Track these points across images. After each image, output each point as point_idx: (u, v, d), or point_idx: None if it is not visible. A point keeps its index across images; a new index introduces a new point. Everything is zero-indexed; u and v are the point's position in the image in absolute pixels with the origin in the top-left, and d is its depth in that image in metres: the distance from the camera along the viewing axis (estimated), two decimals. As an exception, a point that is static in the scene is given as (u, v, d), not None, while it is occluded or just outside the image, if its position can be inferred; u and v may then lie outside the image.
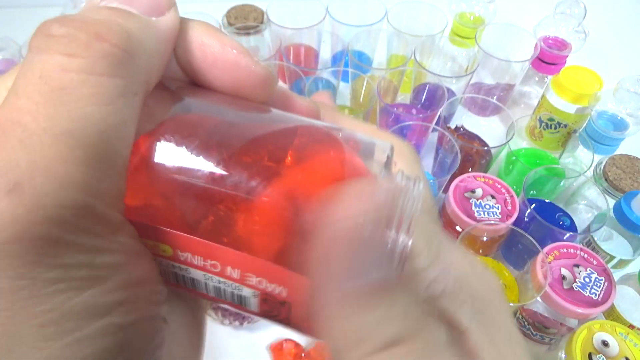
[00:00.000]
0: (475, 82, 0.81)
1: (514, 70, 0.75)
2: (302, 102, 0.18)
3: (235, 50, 0.15)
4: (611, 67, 0.75)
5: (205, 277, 0.15)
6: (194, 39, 0.15)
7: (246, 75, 0.16)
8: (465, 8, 0.81)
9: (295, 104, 0.18)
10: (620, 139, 0.65)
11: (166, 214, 0.14)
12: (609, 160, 0.61)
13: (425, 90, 0.72)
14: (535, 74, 0.79)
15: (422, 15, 0.79)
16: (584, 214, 0.61)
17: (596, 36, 0.79)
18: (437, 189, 0.61)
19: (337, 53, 0.78)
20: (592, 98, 0.67)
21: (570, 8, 0.75)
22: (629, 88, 0.63)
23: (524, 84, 0.81)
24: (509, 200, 0.55)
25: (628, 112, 0.64)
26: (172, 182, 0.14)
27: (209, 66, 0.16)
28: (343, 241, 0.12)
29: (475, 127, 0.71)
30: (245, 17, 0.75)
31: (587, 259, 0.51)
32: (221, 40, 0.16)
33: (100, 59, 0.12)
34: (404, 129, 0.63)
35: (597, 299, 0.47)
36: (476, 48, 0.72)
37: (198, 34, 0.16)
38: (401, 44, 0.74)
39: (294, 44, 0.76)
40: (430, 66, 0.75)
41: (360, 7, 0.78)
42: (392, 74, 0.70)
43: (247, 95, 0.16)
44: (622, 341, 0.44)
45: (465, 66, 0.77)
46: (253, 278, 0.14)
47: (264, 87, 0.16)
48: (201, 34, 0.16)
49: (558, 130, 0.70)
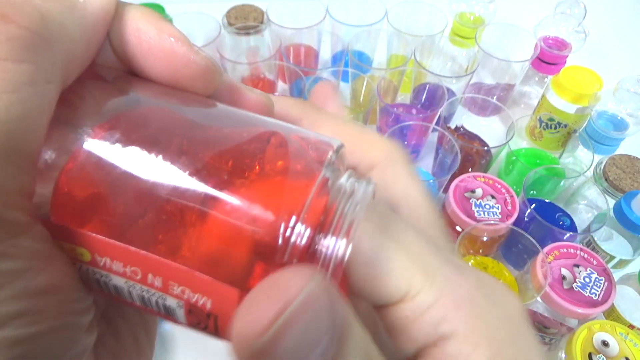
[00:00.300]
0: (475, 82, 0.81)
1: (514, 70, 0.75)
2: (251, 95, 0.17)
3: (172, 38, 0.14)
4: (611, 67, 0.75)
5: (127, 284, 0.14)
6: (129, 24, 0.14)
7: (184, 65, 0.15)
8: (465, 8, 0.81)
9: (243, 98, 0.17)
10: (620, 139, 0.65)
11: (89, 215, 0.13)
12: (609, 160, 0.61)
13: (425, 90, 0.72)
14: (535, 74, 0.79)
15: (422, 15, 0.79)
16: (584, 214, 0.61)
17: (596, 36, 0.78)
18: (437, 189, 0.61)
19: (337, 53, 0.78)
20: (592, 98, 0.67)
21: (570, 8, 0.75)
22: (629, 88, 0.63)
23: (524, 84, 0.81)
24: (509, 200, 0.55)
25: (628, 112, 0.64)
26: (105, 182, 0.13)
27: (144, 54, 0.14)
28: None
29: (475, 127, 0.71)
30: (245, 17, 0.75)
31: (587, 259, 0.51)
32: (159, 26, 0.14)
33: (5, 42, 0.11)
34: (404, 129, 0.63)
35: (597, 299, 0.47)
36: (476, 48, 0.72)
37: (134, 19, 0.14)
38: (401, 44, 0.74)
39: (294, 44, 0.76)
40: (430, 66, 0.75)
41: (360, 7, 0.78)
42: (392, 74, 0.70)
43: (187, 86, 0.15)
44: (622, 341, 0.44)
45: (465, 66, 0.77)
46: (176, 287, 0.13)
47: (205, 79, 0.15)
48: (137, 19, 0.14)
49: (558, 130, 0.70)
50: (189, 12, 0.75)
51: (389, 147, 0.18)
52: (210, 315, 0.13)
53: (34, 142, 0.12)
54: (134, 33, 0.14)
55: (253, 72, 0.70)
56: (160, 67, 0.15)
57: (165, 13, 0.78)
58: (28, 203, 0.12)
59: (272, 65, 0.71)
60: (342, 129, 0.18)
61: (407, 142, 0.67)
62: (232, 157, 0.14)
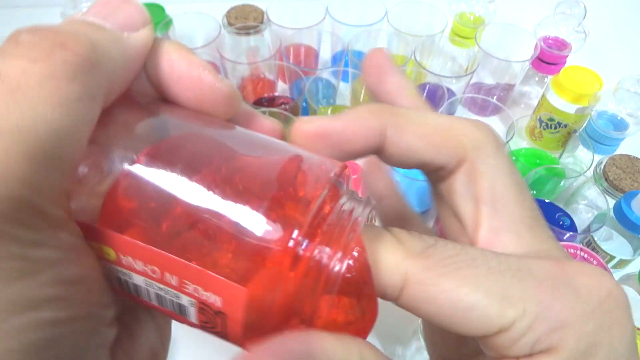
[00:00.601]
0: (475, 82, 0.81)
1: (514, 70, 0.75)
2: (266, 121, 0.19)
3: (200, 68, 0.17)
4: (611, 67, 0.75)
5: (146, 283, 0.15)
6: (164, 56, 0.17)
7: (210, 91, 0.17)
8: (465, 8, 0.81)
9: (258, 123, 0.19)
10: (620, 139, 0.65)
11: (128, 224, 0.15)
12: (609, 160, 0.61)
13: (425, 90, 0.72)
14: (535, 74, 0.79)
15: (422, 15, 0.79)
16: (584, 214, 0.61)
17: (596, 36, 0.78)
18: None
19: (337, 53, 0.78)
20: (592, 98, 0.67)
21: (570, 8, 0.75)
22: (629, 88, 0.63)
23: (524, 84, 0.81)
24: (509, 200, 0.55)
25: (628, 112, 0.64)
26: (145, 200, 0.15)
27: (175, 82, 0.17)
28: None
29: (475, 127, 0.71)
30: (245, 17, 0.75)
31: (587, 259, 0.51)
32: (189, 58, 0.17)
33: (61, 64, 0.13)
34: (404, 129, 0.63)
35: (597, 299, 0.47)
36: (476, 48, 0.72)
37: (168, 51, 0.17)
38: (401, 44, 0.74)
39: (294, 44, 0.76)
40: (430, 66, 0.75)
41: (360, 7, 0.78)
42: (392, 74, 0.70)
43: (211, 111, 0.17)
44: (622, 341, 0.44)
45: (465, 66, 0.77)
46: (190, 285, 0.14)
47: (228, 104, 0.17)
48: (171, 52, 0.17)
49: (558, 130, 0.70)
50: (189, 12, 0.75)
51: (477, 137, 0.17)
52: (219, 313, 0.15)
53: (76, 151, 0.14)
54: (168, 63, 0.17)
55: (253, 72, 0.70)
56: (189, 93, 0.17)
57: (165, 13, 0.78)
58: (67, 203, 0.14)
59: (272, 65, 0.71)
60: (427, 130, 0.17)
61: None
62: (266, 183, 0.15)
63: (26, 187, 0.12)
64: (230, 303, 0.14)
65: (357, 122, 0.17)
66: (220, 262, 0.14)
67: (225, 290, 0.14)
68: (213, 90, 0.17)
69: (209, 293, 0.14)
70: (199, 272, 0.14)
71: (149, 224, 0.15)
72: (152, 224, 0.15)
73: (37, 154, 0.12)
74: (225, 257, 0.14)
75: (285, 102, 0.71)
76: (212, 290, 0.14)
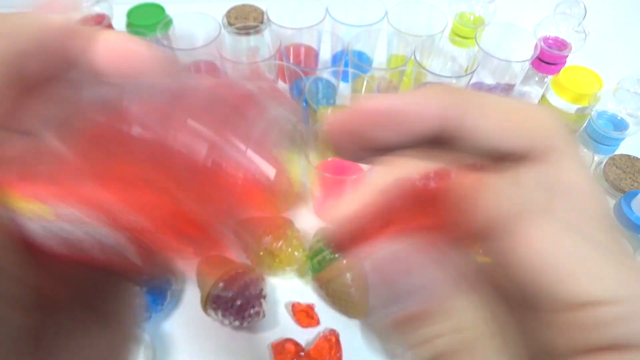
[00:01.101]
0: (475, 82, 0.81)
1: (514, 70, 0.75)
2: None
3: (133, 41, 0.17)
4: (611, 67, 0.75)
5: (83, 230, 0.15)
6: (101, 37, 0.17)
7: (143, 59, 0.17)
8: (465, 8, 0.81)
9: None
10: (620, 139, 0.65)
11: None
12: (609, 160, 0.61)
13: (425, 90, 0.72)
14: (535, 74, 0.79)
15: (422, 15, 0.79)
16: (584, 214, 0.61)
17: (596, 36, 0.78)
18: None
19: (337, 53, 0.78)
20: (592, 98, 0.67)
21: (570, 8, 0.75)
22: (629, 88, 0.63)
23: (524, 84, 0.81)
24: (509, 200, 0.55)
25: (628, 112, 0.64)
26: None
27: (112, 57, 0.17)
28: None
29: (475, 127, 0.71)
30: (245, 17, 0.75)
31: (587, 259, 0.51)
32: (123, 36, 0.17)
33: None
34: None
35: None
36: (476, 48, 0.72)
37: (106, 35, 0.17)
38: (401, 44, 0.74)
39: (294, 44, 0.76)
40: (430, 66, 0.75)
41: (360, 7, 0.78)
42: (392, 74, 0.70)
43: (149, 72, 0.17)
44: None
45: (465, 66, 0.77)
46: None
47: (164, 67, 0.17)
48: (109, 34, 0.17)
49: (558, 130, 0.70)
50: (189, 12, 0.75)
51: (553, 130, 0.15)
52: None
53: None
54: (104, 43, 0.17)
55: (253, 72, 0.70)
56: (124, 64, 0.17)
57: (166, 13, 0.78)
58: None
59: (272, 65, 0.71)
60: (509, 115, 0.15)
61: (407, 142, 0.67)
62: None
63: None
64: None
65: (427, 100, 0.15)
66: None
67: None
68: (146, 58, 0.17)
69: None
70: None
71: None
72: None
73: None
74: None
75: (285, 102, 0.71)
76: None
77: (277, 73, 0.73)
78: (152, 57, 0.17)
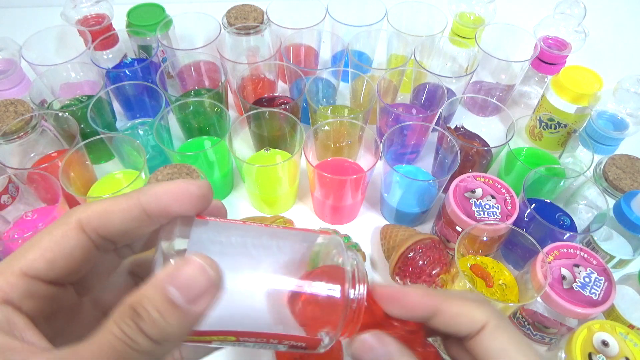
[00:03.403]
0: (475, 82, 0.81)
1: (514, 70, 0.75)
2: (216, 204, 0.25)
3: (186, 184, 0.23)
4: (611, 67, 0.75)
5: (256, 345, 0.23)
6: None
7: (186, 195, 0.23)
8: (465, 8, 0.81)
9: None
10: (620, 139, 0.65)
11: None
12: (609, 160, 0.61)
13: (425, 90, 0.72)
14: (535, 74, 0.79)
15: (422, 15, 0.79)
16: (584, 214, 0.61)
17: (596, 36, 0.79)
18: (437, 189, 0.61)
19: (337, 53, 0.78)
20: (592, 98, 0.67)
21: (570, 8, 0.75)
22: (629, 88, 0.63)
23: (524, 84, 0.81)
24: (509, 200, 0.55)
25: (628, 112, 0.64)
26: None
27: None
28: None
29: (475, 127, 0.71)
30: (245, 17, 0.75)
31: (587, 258, 0.51)
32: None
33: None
34: (404, 129, 0.63)
35: (597, 299, 0.47)
36: (476, 48, 0.72)
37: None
38: (401, 44, 0.74)
39: (294, 44, 0.76)
40: (430, 66, 0.75)
41: (360, 7, 0.78)
42: (392, 74, 0.70)
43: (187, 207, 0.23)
44: (622, 341, 0.44)
45: (465, 66, 0.77)
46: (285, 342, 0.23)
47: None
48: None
49: (558, 130, 0.70)
50: (189, 12, 0.75)
51: (488, 312, 0.24)
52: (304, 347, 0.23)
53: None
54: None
55: (253, 72, 0.70)
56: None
57: (166, 13, 0.78)
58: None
59: (272, 65, 0.71)
60: (464, 303, 0.24)
61: (407, 142, 0.67)
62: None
63: None
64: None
65: (418, 297, 0.24)
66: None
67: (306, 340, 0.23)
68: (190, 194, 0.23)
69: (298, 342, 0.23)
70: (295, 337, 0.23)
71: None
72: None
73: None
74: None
75: (285, 102, 0.71)
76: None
77: (277, 73, 0.74)
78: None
